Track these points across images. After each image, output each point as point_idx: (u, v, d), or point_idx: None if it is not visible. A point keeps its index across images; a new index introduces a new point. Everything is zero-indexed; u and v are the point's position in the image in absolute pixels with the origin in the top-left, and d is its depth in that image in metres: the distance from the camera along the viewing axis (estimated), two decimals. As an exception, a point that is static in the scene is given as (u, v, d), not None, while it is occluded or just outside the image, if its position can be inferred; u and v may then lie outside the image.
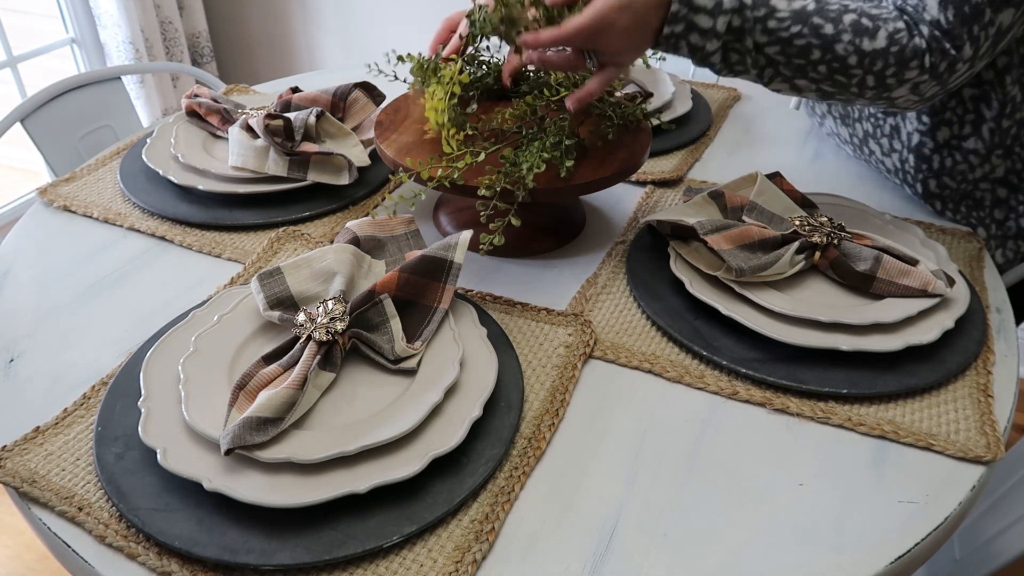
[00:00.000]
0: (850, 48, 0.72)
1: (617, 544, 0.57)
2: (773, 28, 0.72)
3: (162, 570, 0.54)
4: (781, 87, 0.77)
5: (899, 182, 0.98)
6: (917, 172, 0.93)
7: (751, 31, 0.72)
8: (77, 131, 1.29)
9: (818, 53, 0.72)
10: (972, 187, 0.91)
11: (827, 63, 0.73)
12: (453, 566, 0.54)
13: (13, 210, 2.21)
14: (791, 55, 0.73)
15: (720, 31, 0.72)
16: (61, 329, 0.76)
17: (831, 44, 0.72)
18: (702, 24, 0.72)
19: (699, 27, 0.72)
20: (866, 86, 0.74)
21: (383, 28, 2.38)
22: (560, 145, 0.78)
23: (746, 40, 0.72)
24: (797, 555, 0.56)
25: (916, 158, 0.92)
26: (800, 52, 0.73)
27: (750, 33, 0.72)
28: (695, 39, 0.73)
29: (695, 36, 0.73)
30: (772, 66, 0.74)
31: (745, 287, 0.75)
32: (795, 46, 0.72)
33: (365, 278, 0.73)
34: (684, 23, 0.72)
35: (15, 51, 2.11)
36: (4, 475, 0.60)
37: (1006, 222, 0.92)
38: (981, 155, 0.89)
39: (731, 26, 0.72)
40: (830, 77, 0.74)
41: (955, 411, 0.67)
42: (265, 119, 0.94)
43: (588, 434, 0.65)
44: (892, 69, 0.72)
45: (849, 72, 0.73)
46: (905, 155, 0.94)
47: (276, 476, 0.57)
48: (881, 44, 0.72)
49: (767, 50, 0.73)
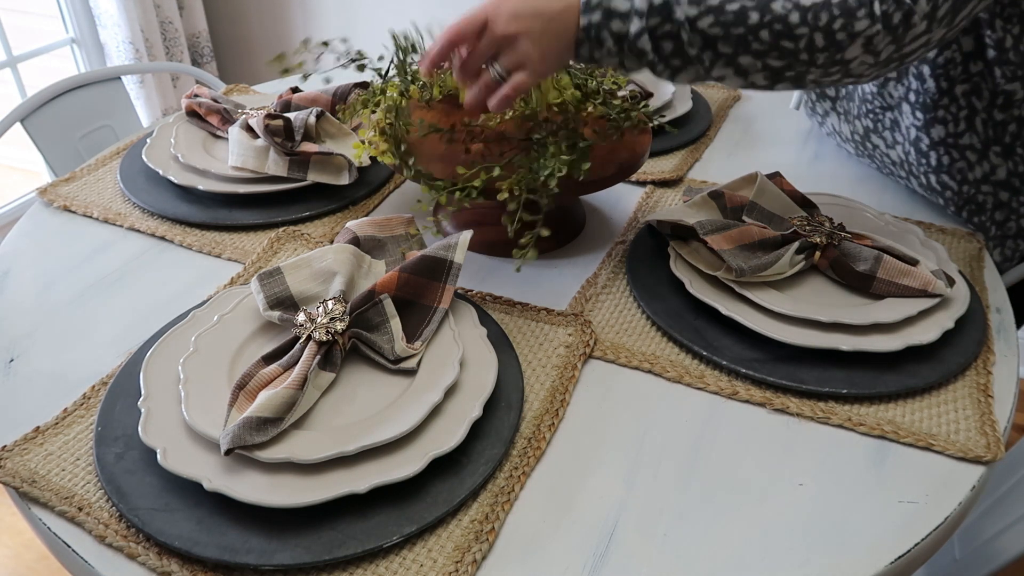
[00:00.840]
0: (788, 5, 0.66)
1: (617, 544, 0.57)
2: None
3: (162, 570, 0.54)
4: (725, 72, 0.70)
5: (904, 175, 0.98)
6: (919, 166, 0.93)
7: (676, 2, 0.66)
8: (77, 131, 1.29)
9: (756, 16, 0.66)
10: (974, 190, 0.91)
11: (768, 26, 0.66)
12: (453, 566, 0.54)
13: (13, 210, 2.21)
14: (727, 24, 0.67)
15: (640, 8, 0.67)
16: (61, 329, 0.76)
17: (767, 4, 0.66)
18: (619, 7, 0.67)
19: (618, 11, 0.67)
20: (815, 47, 0.67)
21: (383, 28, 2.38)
22: (575, 148, 0.76)
23: (675, 13, 0.66)
24: (797, 555, 0.56)
25: (916, 152, 0.92)
26: (736, 19, 0.67)
27: (676, 3, 0.67)
28: (617, 25, 0.67)
29: (616, 22, 0.67)
30: (710, 46, 0.68)
31: (745, 287, 0.75)
32: (728, 12, 0.67)
33: (365, 278, 0.73)
34: (601, 11, 0.67)
35: (15, 51, 2.11)
36: (4, 475, 0.60)
37: (1006, 223, 0.92)
38: (978, 150, 0.88)
39: (652, 4, 0.67)
40: (776, 45, 0.67)
41: (955, 411, 0.67)
42: (265, 119, 0.94)
43: (588, 434, 0.65)
44: (840, 21, 0.66)
45: (794, 33, 0.67)
46: (907, 148, 0.94)
47: (276, 476, 0.57)
48: None
49: (700, 23, 0.67)
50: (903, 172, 0.98)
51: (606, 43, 0.69)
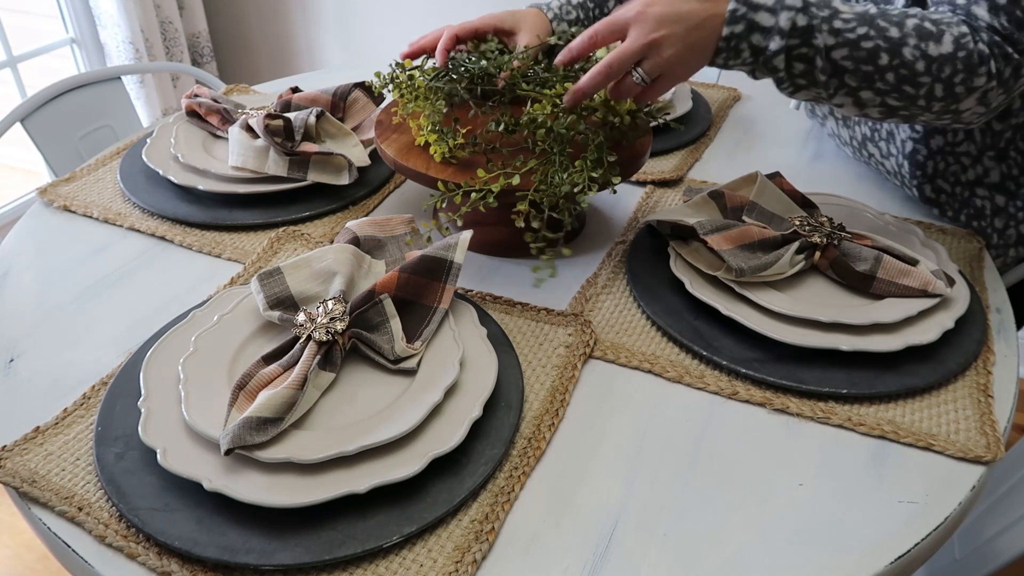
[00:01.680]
0: (917, 53, 0.68)
1: (617, 544, 0.57)
2: (839, 28, 0.68)
3: (162, 570, 0.54)
4: (844, 101, 0.72)
5: (898, 184, 0.98)
6: (912, 177, 0.94)
7: (818, 29, 0.67)
8: (77, 131, 1.29)
9: (886, 58, 0.68)
10: (969, 192, 0.91)
11: (895, 69, 0.68)
12: (453, 566, 0.54)
13: (13, 210, 2.21)
14: (859, 60, 0.68)
15: (784, 28, 0.67)
16: (61, 329, 0.76)
17: (898, 48, 0.68)
18: (764, 22, 0.68)
19: (761, 25, 0.68)
20: (934, 97, 0.69)
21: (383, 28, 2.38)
22: (602, 161, 0.75)
23: (815, 39, 0.67)
24: (797, 555, 0.56)
25: (911, 164, 0.93)
26: (868, 57, 0.68)
27: (818, 31, 0.67)
28: (757, 39, 0.68)
29: (757, 36, 0.68)
30: (838, 75, 0.69)
31: (745, 287, 0.75)
32: (863, 49, 0.68)
33: (365, 278, 0.73)
34: (744, 22, 0.68)
35: (15, 51, 2.11)
36: (4, 475, 0.60)
37: (1006, 231, 0.92)
38: (973, 156, 0.89)
39: (796, 25, 0.67)
40: (898, 88, 0.69)
41: (955, 411, 0.67)
42: (265, 119, 0.94)
43: (588, 434, 0.65)
44: (961, 76, 0.68)
45: (917, 80, 0.68)
46: (900, 160, 0.94)
47: (276, 476, 0.57)
48: (948, 48, 0.68)
49: (834, 54, 0.68)
50: (897, 181, 0.98)
51: (743, 54, 0.70)
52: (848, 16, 0.69)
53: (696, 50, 0.70)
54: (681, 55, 0.69)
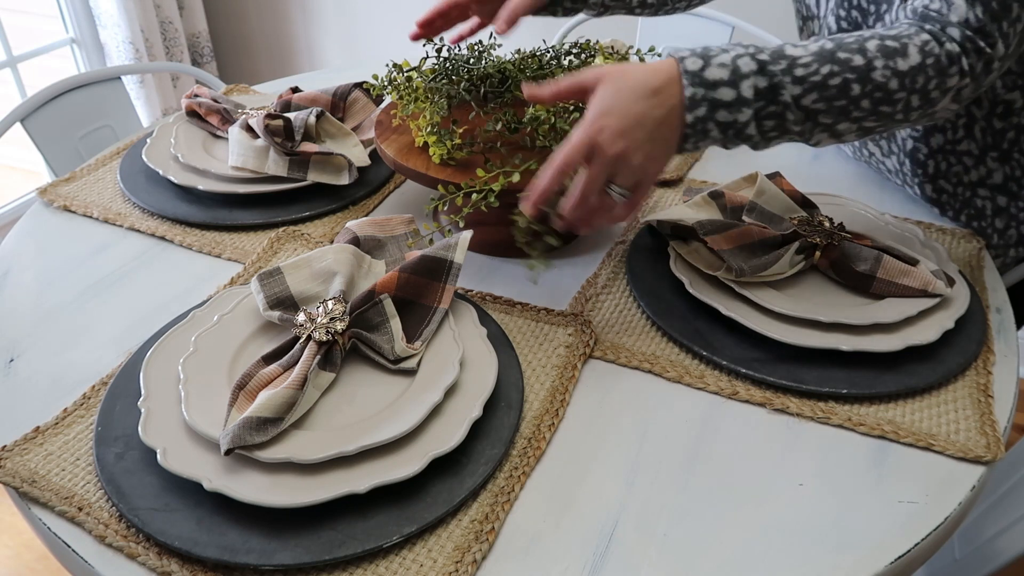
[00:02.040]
0: (887, 73, 0.66)
1: (617, 544, 0.57)
2: (802, 76, 0.65)
3: (162, 570, 0.54)
4: (821, 138, 0.69)
5: (900, 183, 0.98)
6: (914, 176, 0.94)
7: (782, 85, 0.65)
8: (77, 131, 1.29)
9: (857, 88, 0.66)
10: (971, 193, 0.91)
11: (869, 96, 0.66)
12: (453, 566, 0.54)
13: (13, 210, 2.21)
14: (830, 99, 0.66)
15: (748, 97, 0.64)
16: (61, 329, 0.76)
17: (867, 74, 0.66)
18: (725, 97, 0.64)
19: (724, 102, 0.64)
20: (911, 108, 0.68)
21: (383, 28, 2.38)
22: None
23: (781, 96, 0.65)
24: (797, 555, 0.56)
25: (912, 162, 0.93)
26: (839, 92, 0.66)
27: (782, 87, 0.65)
28: (723, 115, 0.65)
29: (722, 113, 0.65)
30: (812, 119, 0.66)
31: (745, 287, 0.75)
32: (831, 87, 0.65)
33: (365, 278, 0.73)
34: (706, 104, 0.64)
35: (15, 51, 2.11)
36: (4, 475, 0.60)
37: (1007, 231, 0.92)
38: (975, 156, 0.89)
39: (758, 89, 0.64)
40: (874, 111, 0.67)
41: (955, 411, 0.67)
42: (265, 119, 0.94)
43: (588, 434, 0.65)
44: (934, 81, 0.67)
45: (893, 98, 0.67)
46: (902, 158, 0.94)
47: (276, 476, 0.57)
48: (916, 59, 0.66)
49: (804, 101, 0.65)
50: (899, 180, 0.98)
51: (711, 133, 0.66)
52: (807, 60, 0.66)
53: (662, 145, 0.66)
54: (650, 156, 0.66)
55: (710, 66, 0.64)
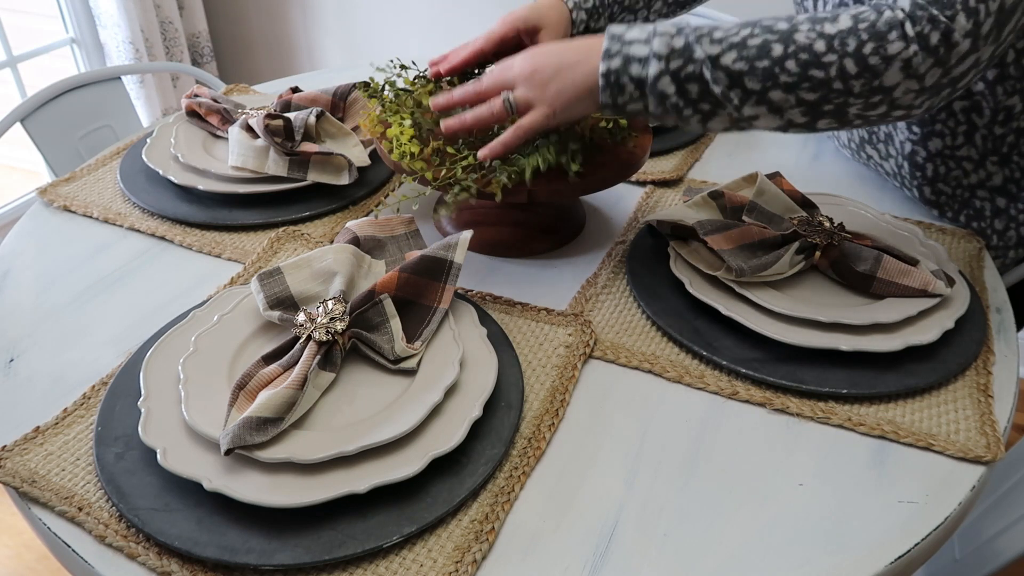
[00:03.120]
0: (812, 35, 0.64)
1: (617, 544, 0.57)
2: (720, 37, 0.66)
3: (162, 570, 0.54)
4: (758, 111, 0.67)
5: (898, 185, 0.98)
6: (912, 179, 0.94)
7: (697, 43, 0.66)
8: (77, 131, 1.29)
9: (779, 48, 0.64)
10: (970, 194, 0.91)
11: (793, 56, 0.64)
12: (453, 566, 0.54)
13: (13, 210, 2.21)
14: (751, 58, 0.65)
15: (659, 52, 0.66)
16: (61, 329, 0.76)
17: (790, 35, 0.64)
18: (638, 53, 0.66)
19: (636, 56, 0.67)
20: (848, 74, 0.64)
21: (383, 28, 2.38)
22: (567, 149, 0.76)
23: (695, 53, 0.65)
24: (797, 555, 0.56)
25: (910, 165, 0.93)
26: (760, 52, 0.65)
27: (696, 44, 0.65)
28: (636, 69, 0.67)
29: (635, 66, 0.67)
30: (737, 83, 0.65)
31: (745, 287, 0.75)
32: (751, 47, 0.65)
33: (365, 278, 0.73)
34: (620, 57, 0.67)
35: (15, 51, 2.11)
36: (4, 475, 0.60)
37: (1007, 232, 0.92)
38: (975, 161, 0.89)
39: (672, 48, 0.66)
40: (805, 75, 0.64)
41: (955, 411, 0.67)
42: (265, 119, 0.94)
43: (588, 434, 0.65)
44: (870, 45, 0.63)
45: (821, 61, 0.64)
46: (900, 161, 0.94)
47: (276, 476, 0.57)
48: (845, 24, 0.64)
49: (723, 60, 0.65)
50: (897, 182, 0.98)
51: (627, 88, 0.68)
52: (727, 26, 0.67)
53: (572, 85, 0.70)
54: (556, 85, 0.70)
55: (632, 29, 0.68)
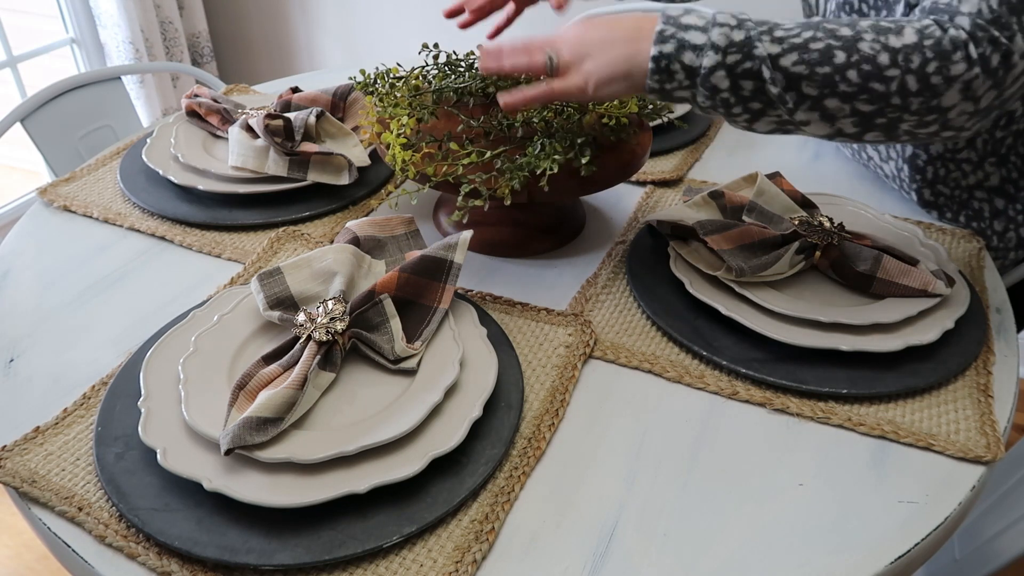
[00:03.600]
0: (876, 46, 0.62)
1: (617, 544, 0.57)
2: (782, 36, 0.63)
3: (162, 570, 0.54)
4: (810, 117, 0.65)
5: (896, 188, 0.98)
6: (912, 181, 0.94)
7: (757, 39, 0.63)
8: (77, 131, 1.29)
9: (843, 55, 0.62)
10: (968, 195, 0.91)
11: (855, 66, 0.62)
12: (453, 566, 0.54)
13: (13, 210, 2.21)
14: (812, 63, 0.62)
15: (717, 43, 0.63)
16: (61, 329, 0.76)
17: (854, 43, 0.62)
18: (695, 40, 0.64)
19: (692, 43, 0.64)
20: (908, 91, 0.62)
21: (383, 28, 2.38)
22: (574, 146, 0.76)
23: (755, 49, 0.63)
24: (797, 555, 0.56)
25: (911, 168, 0.92)
26: (822, 57, 0.62)
27: (757, 41, 0.63)
28: (689, 58, 0.64)
29: (689, 55, 0.64)
30: (794, 85, 0.63)
31: (745, 287, 0.75)
32: (813, 51, 0.62)
33: (365, 278, 0.73)
34: (674, 41, 0.64)
35: (15, 51, 2.11)
36: (4, 475, 0.60)
37: (1006, 234, 0.91)
38: (974, 163, 0.89)
39: (732, 40, 0.63)
40: (865, 87, 0.62)
41: (955, 411, 0.67)
42: (265, 119, 0.94)
43: (588, 434, 0.65)
44: (934, 64, 0.61)
45: (884, 75, 0.62)
46: (900, 164, 0.94)
47: (276, 476, 0.57)
48: (911, 39, 0.62)
49: (783, 61, 0.63)
50: (895, 185, 0.98)
51: (677, 75, 0.65)
52: (789, 25, 0.65)
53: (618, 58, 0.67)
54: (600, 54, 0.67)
55: (689, 14, 0.65)
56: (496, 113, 0.82)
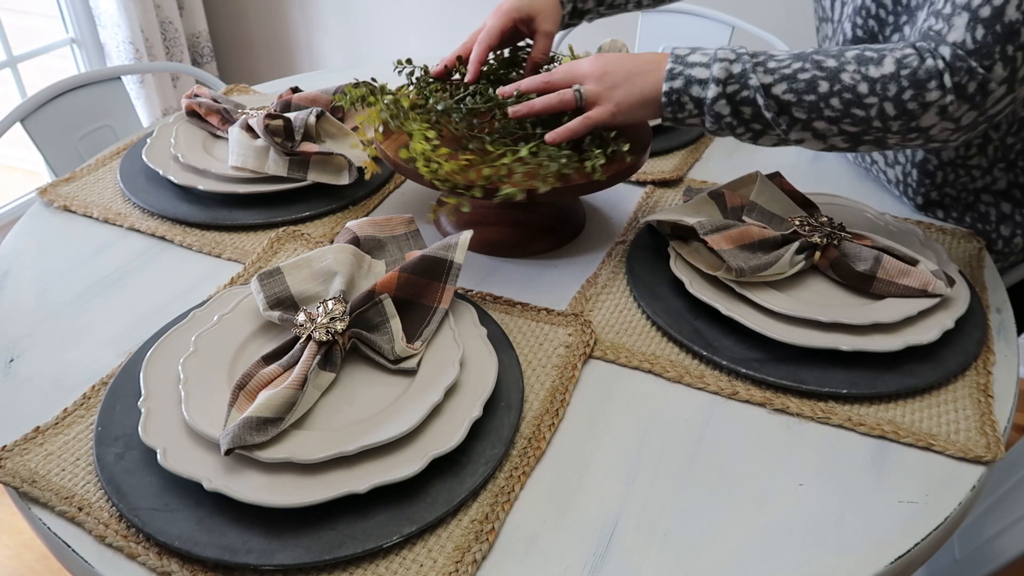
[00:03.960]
0: (857, 77, 0.70)
1: (617, 544, 0.57)
2: (773, 68, 0.72)
3: (162, 570, 0.54)
4: (804, 136, 0.74)
5: (899, 193, 0.98)
6: (919, 186, 0.93)
7: (752, 71, 0.72)
8: (77, 131, 1.29)
9: (826, 85, 0.70)
10: (974, 198, 0.91)
11: (838, 95, 0.70)
12: (453, 566, 0.54)
13: (13, 210, 2.21)
14: (799, 91, 0.71)
15: (718, 76, 0.72)
16: (61, 329, 0.76)
17: (836, 74, 0.70)
18: (699, 75, 0.73)
19: (697, 79, 0.73)
20: (887, 115, 0.70)
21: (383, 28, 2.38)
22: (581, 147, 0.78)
23: (750, 80, 0.71)
24: (797, 555, 0.56)
25: (920, 172, 0.92)
26: (807, 87, 0.71)
27: (752, 72, 0.71)
28: (696, 91, 0.73)
29: (696, 88, 0.73)
30: (785, 111, 0.72)
31: (745, 287, 0.75)
32: (800, 80, 0.71)
33: (365, 278, 0.73)
34: (682, 78, 0.73)
35: (15, 51, 2.11)
36: (4, 475, 0.60)
37: (1013, 239, 0.91)
38: (983, 168, 0.89)
39: (730, 73, 0.72)
40: (847, 112, 0.70)
41: (955, 411, 0.67)
42: (265, 119, 0.94)
43: (588, 434, 0.65)
44: (909, 92, 0.69)
45: (863, 102, 0.70)
46: (908, 169, 0.93)
47: (276, 476, 0.57)
48: (889, 69, 0.69)
49: (774, 90, 0.71)
50: (898, 191, 0.98)
51: (687, 106, 0.74)
52: (782, 57, 0.72)
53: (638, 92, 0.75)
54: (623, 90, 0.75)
55: (694, 53, 0.75)
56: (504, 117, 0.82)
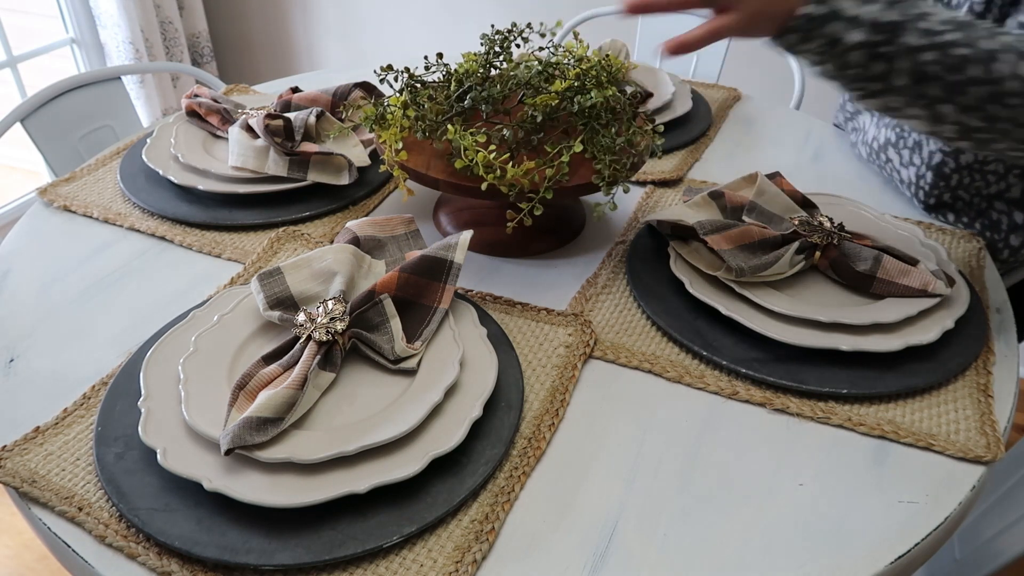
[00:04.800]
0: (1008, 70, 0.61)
1: (617, 544, 0.57)
2: (931, 30, 0.61)
3: (162, 570, 0.54)
4: (919, 114, 0.65)
5: (910, 195, 0.97)
6: (933, 188, 0.92)
7: (908, 27, 0.61)
8: (77, 131, 1.29)
9: (977, 70, 0.61)
10: (987, 204, 0.91)
11: (984, 84, 0.61)
12: (453, 566, 0.54)
13: (13, 210, 2.21)
14: (948, 67, 0.61)
15: (869, 20, 0.60)
16: (61, 329, 0.76)
17: (990, 61, 0.61)
18: (848, 11, 0.61)
19: (843, 14, 0.61)
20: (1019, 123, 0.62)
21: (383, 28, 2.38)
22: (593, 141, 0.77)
23: (902, 37, 0.60)
24: (797, 555, 0.56)
25: (935, 175, 0.91)
26: (957, 65, 0.61)
27: (907, 29, 0.61)
28: (835, 28, 0.61)
29: (836, 25, 0.61)
30: (921, 82, 0.62)
31: (745, 287, 0.75)
32: (952, 56, 0.61)
33: (365, 278, 0.73)
34: (827, 7, 0.62)
35: (15, 51, 2.11)
36: (4, 475, 0.60)
37: (1021, 249, 0.91)
38: (999, 174, 0.88)
39: (882, 19, 0.61)
40: (982, 107, 0.62)
41: (955, 411, 0.67)
42: (265, 119, 0.94)
43: (588, 434, 0.65)
44: None
45: (1006, 101, 0.62)
46: (923, 171, 0.92)
47: (276, 476, 0.57)
48: None
49: (922, 56, 0.61)
50: (909, 192, 0.97)
51: (815, 41, 0.64)
52: (941, 18, 0.62)
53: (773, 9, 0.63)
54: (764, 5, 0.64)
55: None
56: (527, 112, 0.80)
